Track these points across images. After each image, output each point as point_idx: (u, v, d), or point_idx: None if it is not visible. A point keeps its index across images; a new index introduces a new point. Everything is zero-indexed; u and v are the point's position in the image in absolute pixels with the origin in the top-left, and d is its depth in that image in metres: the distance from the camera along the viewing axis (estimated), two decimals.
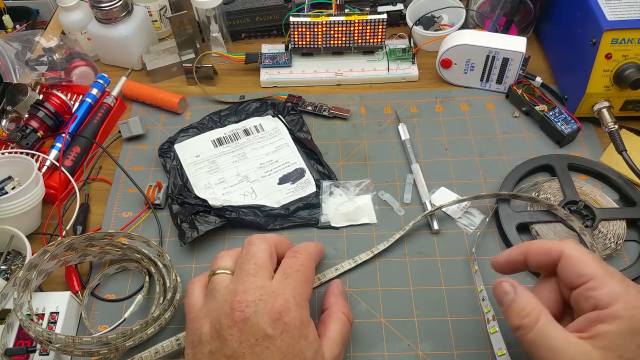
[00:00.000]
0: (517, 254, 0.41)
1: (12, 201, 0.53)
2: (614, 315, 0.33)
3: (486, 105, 0.67)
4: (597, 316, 0.34)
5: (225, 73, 0.74)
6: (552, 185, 0.56)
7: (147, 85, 0.71)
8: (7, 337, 0.47)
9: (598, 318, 0.34)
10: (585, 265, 0.36)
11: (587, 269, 0.36)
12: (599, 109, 0.60)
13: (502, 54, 0.64)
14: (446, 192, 0.58)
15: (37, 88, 0.69)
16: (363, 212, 0.57)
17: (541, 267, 0.40)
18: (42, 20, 0.87)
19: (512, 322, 0.37)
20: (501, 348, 0.46)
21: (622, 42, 0.56)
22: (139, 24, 0.72)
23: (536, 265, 0.40)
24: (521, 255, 0.40)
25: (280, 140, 0.64)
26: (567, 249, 0.37)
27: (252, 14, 0.75)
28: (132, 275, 0.55)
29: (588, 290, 0.35)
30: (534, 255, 0.39)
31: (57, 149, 0.63)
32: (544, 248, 0.39)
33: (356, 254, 0.54)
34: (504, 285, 0.39)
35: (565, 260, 0.37)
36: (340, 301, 0.46)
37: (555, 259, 0.38)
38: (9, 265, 0.55)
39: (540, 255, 0.39)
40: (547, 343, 0.35)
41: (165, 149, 0.63)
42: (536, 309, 0.36)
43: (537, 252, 0.39)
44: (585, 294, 0.35)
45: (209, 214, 0.57)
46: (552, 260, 0.38)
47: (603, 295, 0.34)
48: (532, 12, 0.70)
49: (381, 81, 0.71)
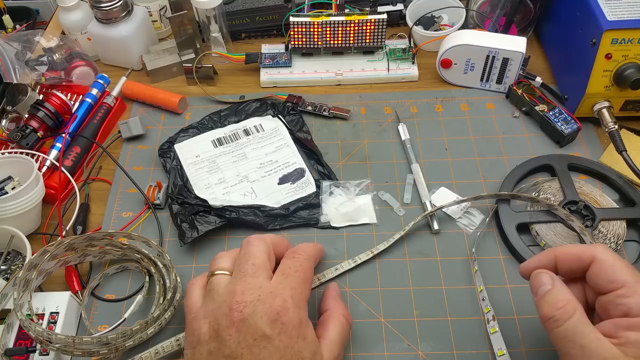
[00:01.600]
0: (546, 260, 0.40)
1: (12, 201, 0.53)
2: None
3: (486, 105, 0.67)
4: (629, 323, 0.34)
5: (225, 73, 0.74)
6: (552, 185, 0.56)
7: (147, 85, 0.71)
8: (7, 337, 0.47)
9: (629, 325, 0.34)
10: (618, 271, 0.35)
11: (619, 276, 0.35)
12: (599, 109, 0.60)
13: (502, 54, 0.64)
14: (446, 192, 0.58)
15: (37, 88, 0.69)
16: (363, 212, 0.57)
17: (572, 272, 0.39)
18: (42, 20, 0.87)
19: (544, 311, 0.36)
20: (501, 348, 0.46)
21: (622, 42, 0.56)
22: (139, 24, 0.72)
23: (567, 271, 0.39)
24: (551, 260, 0.39)
25: (280, 140, 0.64)
26: (599, 254, 0.37)
27: (252, 14, 0.75)
28: (132, 275, 0.55)
29: (619, 297, 0.35)
30: (565, 261, 0.39)
31: (57, 149, 0.63)
32: (575, 253, 0.38)
33: (356, 254, 0.54)
34: (542, 276, 0.38)
35: (597, 266, 0.36)
36: (339, 303, 0.46)
37: (587, 264, 0.37)
38: (9, 265, 0.55)
39: (572, 260, 0.38)
40: (579, 340, 0.34)
41: (165, 149, 0.63)
42: (572, 304, 0.36)
43: (567, 258, 0.39)
44: (616, 300, 0.35)
45: (209, 214, 0.57)
46: (583, 266, 0.38)
47: (635, 304, 0.34)
48: (532, 12, 0.70)
49: (381, 81, 0.71)
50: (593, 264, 0.37)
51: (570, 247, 0.39)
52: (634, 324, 0.34)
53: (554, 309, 0.36)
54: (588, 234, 0.51)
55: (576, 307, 0.36)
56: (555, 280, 0.38)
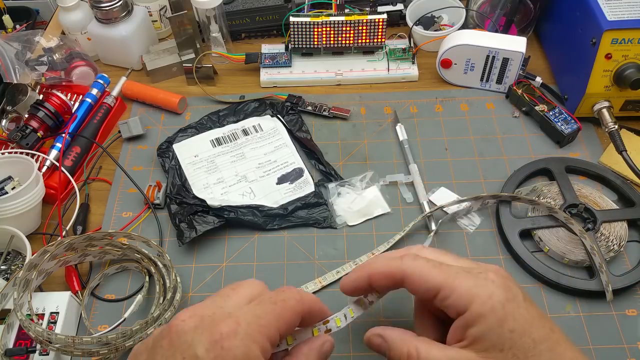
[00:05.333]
0: (360, 280, 0.38)
1: (12, 201, 0.53)
2: (476, 316, 0.33)
3: (486, 105, 0.67)
4: (464, 321, 0.34)
5: (225, 73, 0.74)
6: (552, 189, 0.56)
7: (147, 85, 0.71)
8: (7, 337, 0.47)
9: (465, 323, 0.34)
10: (428, 278, 0.35)
11: (429, 283, 0.35)
12: (599, 109, 0.60)
13: (502, 54, 0.64)
14: (446, 192, 0.58)
15: (37, 88, 0.69)
16: (375, 204, 0.57)
17: (389, 289, 0.38)
18: (42, 20, 0.87)
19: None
20: None
21: (622, 42, 0.56)
22: (139, 24, 0.72)
23: (383, 289, 0.39)
24: (364, 279, 0.38)
25: (279, 140, 0.64)
26: (407, 267, 0.36)
27: (252, 14, 0.75)
28: (132, 275, 0.55)
29: (442, 301, 0.34)
30: (378, 280, 0.38)
31: (57, 149, 0.63)
32: (385, 272, 0.37)
33: (356, 253, 0.54)
34: (372, 340, 0.38)
35: (409, 280, 0.36)
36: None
37: (399, 280, 0.36)
38: (9, 265, 0.55)
39: (384, 279, 0.37)
40: None
41: (163, 149, 0.63)
42: (411, 348, 0.35)
43: (380, 277, 0.37)
44: (442, 304, 0.35)
45: (207, 214, 0.57)
46: (396, 283, 0.37)
47: (457, 302, 0.34)
48: (532, 12, 0.70)
49: (381, 81, 0.71)
50: (405, 279, 0.36)
51: (381, 265, 0.37)
52: (468, 320, 0.33)
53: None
54: (588, 237, 0.51)
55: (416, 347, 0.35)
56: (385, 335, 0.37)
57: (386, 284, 0.37)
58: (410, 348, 0.35)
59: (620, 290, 0.49)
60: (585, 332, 0.48)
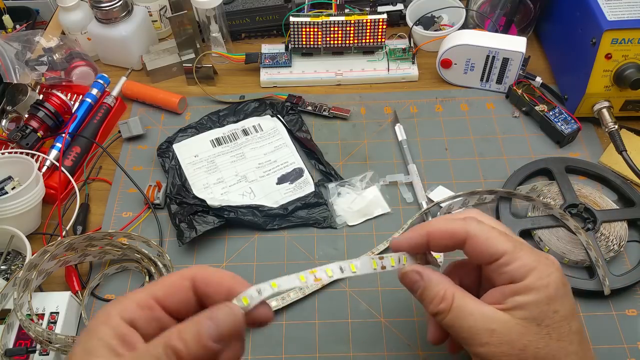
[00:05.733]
0: (418, 237, 0.37)
1: (12, 201, 0.53)
2: (529, 287, 0.33)
3: (486, 105, 0.67)
4: (513, 289, 0.34)
5: (225, 73, 0.74)
6: (552, 189, 0.56)
7: (147, 85, 0.71)
8: (7, 337, 0.47)
9: (514, 290, 0.34)
10: (494, 243, 0.35)
11: (496, 247, 0.34)
12: (599, 109, 0.60)
13: (502, 54, 0.64)
14: (443, 190, 0.58)
15: (37, 88, 0.69)
16: (375, 204, 0.57)
17: (447, 249, 0.37)
18: (42, 20, 0.87)
19: (428, 310, 0.36)
20: None
21: (622, 42, 0.56)
22: (139, 24, 0.72)
23: (441, 249, 0.38)
24: (422, 238, 0.37)
25: (279, 140, 0.64)
26: (472, 229, 0.35)
27: (252, 14, 0.75)
28: (132, 275, 0.55)
29: (501, 267, 0.34)
30: (437, 239, 0.37)
31: (57, 149, 0.63)
32: (448, 231, 0.36)
33: (356, 253, 0.54)
34: (409, 275, 0.37)
35: (472, 241, 0.35)
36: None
37: (461, 241, 0.36)
38: (9, 265, 0.55)
39: (445, 239, 0.36)
40: (465, 324, 0.34)
41: (163, 149, 0.63)
42: (449, 292, 0.35)
43: (440, 236, 0.36)
44: (499, 270, 0.35)
45: (207, 214, 0.56)
46: (457, 243, 0.36)
47: (516, 270, 0.34)
48: (532, 12, 0.70)
49: (381, 81, 0.71)
50: (468, 240, 0.35)
51: (442, 224, 0.37)
52: (519, 288, 0.34)
53: (435, 305, 0.35)
54: (583, 233, 0.51)
55: (454, 293, 0.35)
56: (424, 274, 0.36)
57: (446, 243, 0.36)
58: (447, 292, 0.35)
59: (620, 290, 0.50)
60: (586, 332, 0.48)
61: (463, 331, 0.34)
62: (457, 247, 0.36)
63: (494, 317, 0.34)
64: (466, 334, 0.34)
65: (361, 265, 0.36)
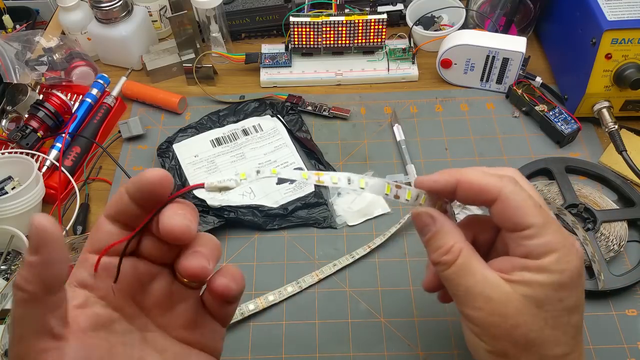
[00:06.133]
0: (445, 182, 0.34)
1: (12, 201, 0.53)
2: (543, 268, 0.31)
3: (486, 105, 0.67)
4: (525, 264, 0.32)
5: (225, 73, 0.74)
6: (552, 189, 0.56)
7: (147, 85, 0.71)
8: (7, 337, 0.47)
9: (525, 266, 0.32)
10: (525, 213, 0.32)
11: (525, 219, 0.32)
12: (599, 109, 0.60)
13: (502, 54, 0.64)
14: None
15: (37, 88, 0.69)
16: (375, 204, 0.57)
17: (473, 203, 0.35)
18: (42, 20, 0.87)
19: (430, 257, 0.35)
20: None
21: (622, 42, 0.56)
22: (139, 24, 0.72)
23: (466, 201, 0.35)
24: (451, 184, 0.34)
25: (279, 140, 0.64)
26: (506, 191, 0.33)
27: (252, 14, 0.75)
28: None
29: (522, 239, 0.32)
30: (466, 191, 0.34)
31: (57, 149, 0.63)
32: (481, 185, 0.33)
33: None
34: (422, 216, 0.35)
35: (502, 204, 0.33)
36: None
37: (491, 200, 0.33)
38: (9, 265, 0.55)
39: (474, 192, 0.34)
40: (464, 282, 0.33)
41: (163, 149, 0.63)
42: (457, 246, 0.33)
43: (470, 188, 0.33)
44: (519, 241, 0.32)
45: (207, 214, 0.57)
46: (486, 201, 0.34)
47: (537, 247, 0.32)
48: (532, 12, 0.70)
49: (381, 81, 0.71)
50: (498, 201, 0.33)
51: (476, 176, 0.34)
52: (532, 265, 0.32)
53: (439, 255, 0.34)
54: (580, 229, 0.51)
55: (461, 249, 0.33)
56: (437, 220, 0.34)
57: (474, 197, 0.34)
58: (456, 245, 0.33)
59: (620, 290, 0.50)
60: (586, 332, 0.48)
61: (459, 289, 0.33)
62: (485, 204, 0.34)
63: (495, 284, 0.32)
64: (462, 293, 0.33)
65: (372, 185, 0.34)
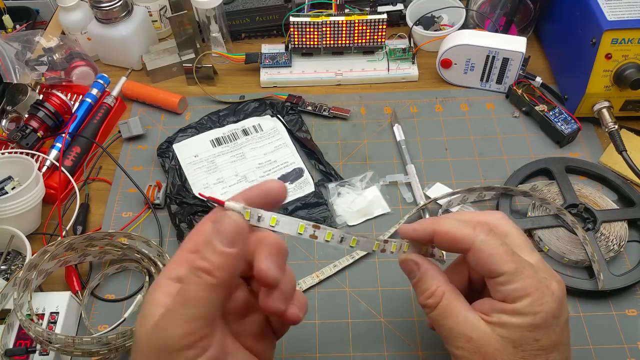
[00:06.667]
0: (423, 232, 0.38)
1: (12, 201, 0.53)
2: (517, 311, 0.34)
3: (486, 105, 0.67)
4: (502, 307, 0.34)
5: (225, 73, 0.74)
6: (552, 189, 0.56)
7: (147, 85, 0.71)
8: (7, 337, 0.47)
9: (502, 309, 0.34)
10: (496, 261, 0.34)
11: (497, 266, 0.34)
12: (599, 109, 0.60)
13: (502, 54, 0.64)
14: (441, 187, 0.58)
15: (37, 88, 0.69)
16: (375, 204, 0.57)
17: (450, 251, 0.38)
18: (42, 20, 0.87)
19: (418, 300, 0.38)
20: None
21: (622, 42, 0.56)
22: (139, 24, 0.72)
23: (444, 249, 0.39)
24: (428, 234, 0.37)
25: (279, 140, 0.64)
26: (477, 241, 0.35)
27: (252, 14, 0.75)
28: (132, 275, 0.55)
29: (498, 285, 0.35)
30: (442, 240, 0.37)
31: (57, 149, 0.63)
32: (454, 236, 0.36)
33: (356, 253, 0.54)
34: (408, 263, 0.38)
35: (475, 254, 0.35)
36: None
37: (464, 249, 0.36)
38: (9, 265, 0.55)
39: (448, 242, 0.36)
40: (447, 323, 0.35)
41: (163, 149, 0.63)
42: (440, 290, 0.36)
43: (444, 238, 0.36)
44: (495, 287, 0.35)
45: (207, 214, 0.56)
46: (459, 250, 0.36)
47: (511, 292, 0.34)
48: (532, 12, 0.70)
49: (381, 81, 0.71)
50: (471, 251, 0.35)
51: (451, 226, 0.36)
52: (507, 309, 0.34)
53: (425, 298, 0.37)
54: (580, 229, 0.51)
55: (444, 291, 0.36)
56: (422, 266, 0.38)
57: (448, 247, 0.37)
58: (438, 288, 0.36)
59: (620, 290, 0.50)
60: (586, 332, 0.48)
61: (444, 330, 0.36)
62: (460, 252, 0.37)
63: (475, 325, 0.35)
64: (446, 333, 0.36)
65: (363, 243, 0.36)
